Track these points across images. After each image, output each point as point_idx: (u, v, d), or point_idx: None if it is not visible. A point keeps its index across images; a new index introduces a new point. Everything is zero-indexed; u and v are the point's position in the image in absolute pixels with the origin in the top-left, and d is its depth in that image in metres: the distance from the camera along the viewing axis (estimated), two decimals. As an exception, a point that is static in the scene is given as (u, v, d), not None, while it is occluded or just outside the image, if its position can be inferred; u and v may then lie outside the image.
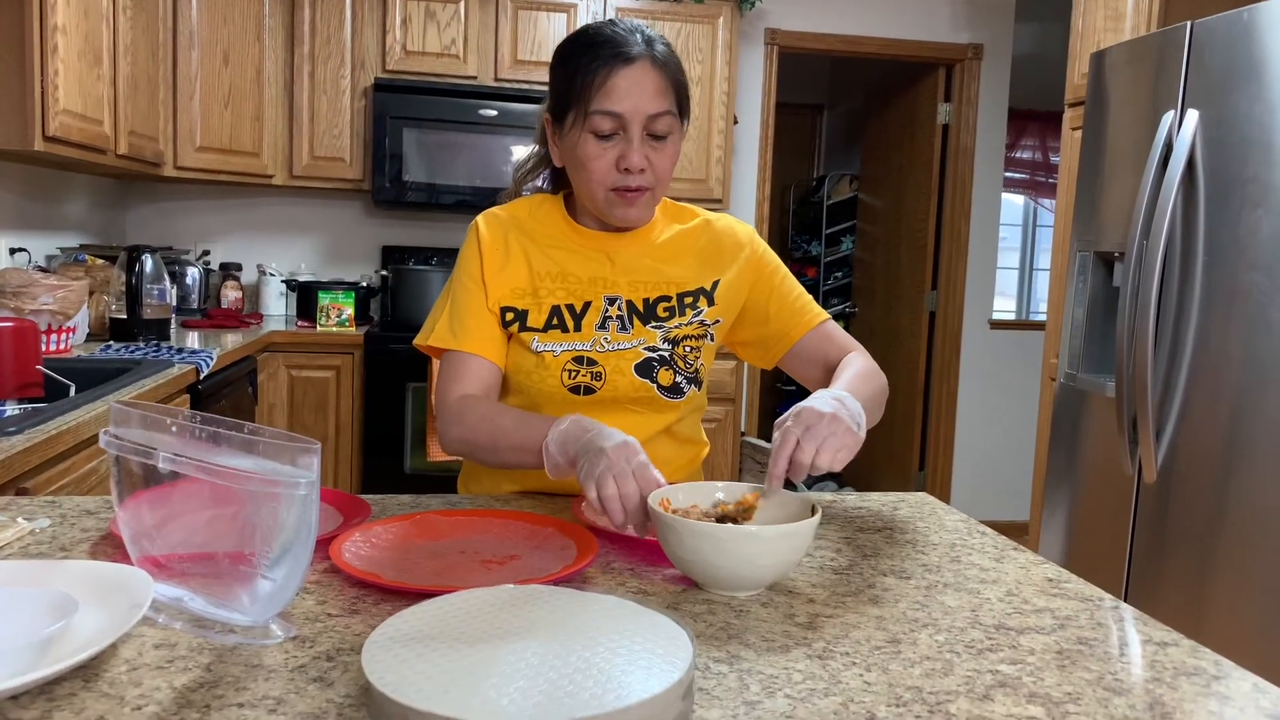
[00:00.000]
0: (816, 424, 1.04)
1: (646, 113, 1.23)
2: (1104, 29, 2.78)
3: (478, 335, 1.31)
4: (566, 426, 1.11)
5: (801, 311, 1.41)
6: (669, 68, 1.26)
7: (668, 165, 1.27)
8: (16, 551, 0.98)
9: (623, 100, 1.22)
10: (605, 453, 1.02)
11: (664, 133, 1.25)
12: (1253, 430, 1.99)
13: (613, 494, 0.99)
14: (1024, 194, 6.24)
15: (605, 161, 1.25)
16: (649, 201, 1.30)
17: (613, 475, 1.00)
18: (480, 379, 1.31)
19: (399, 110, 3.59)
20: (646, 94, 1.22)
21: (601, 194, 1.27)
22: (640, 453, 1.03)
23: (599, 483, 1.00)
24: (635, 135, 1.23)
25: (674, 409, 1.35)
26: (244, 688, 0.70)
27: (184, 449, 0.78)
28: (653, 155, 1.25)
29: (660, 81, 1.24)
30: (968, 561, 1.07)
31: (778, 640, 0.82)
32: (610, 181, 1.26)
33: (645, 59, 1.23)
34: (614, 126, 1.23)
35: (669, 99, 1.25)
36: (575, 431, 1.10)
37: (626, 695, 0.60)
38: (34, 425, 1.60)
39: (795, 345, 1.40)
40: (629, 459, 1.02)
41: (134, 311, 2.79)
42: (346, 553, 0.96)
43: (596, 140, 1.24)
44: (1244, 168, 2.01)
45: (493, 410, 1.25)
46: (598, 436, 1.06)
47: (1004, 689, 0.75)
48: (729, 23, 3.86)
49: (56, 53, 2.30)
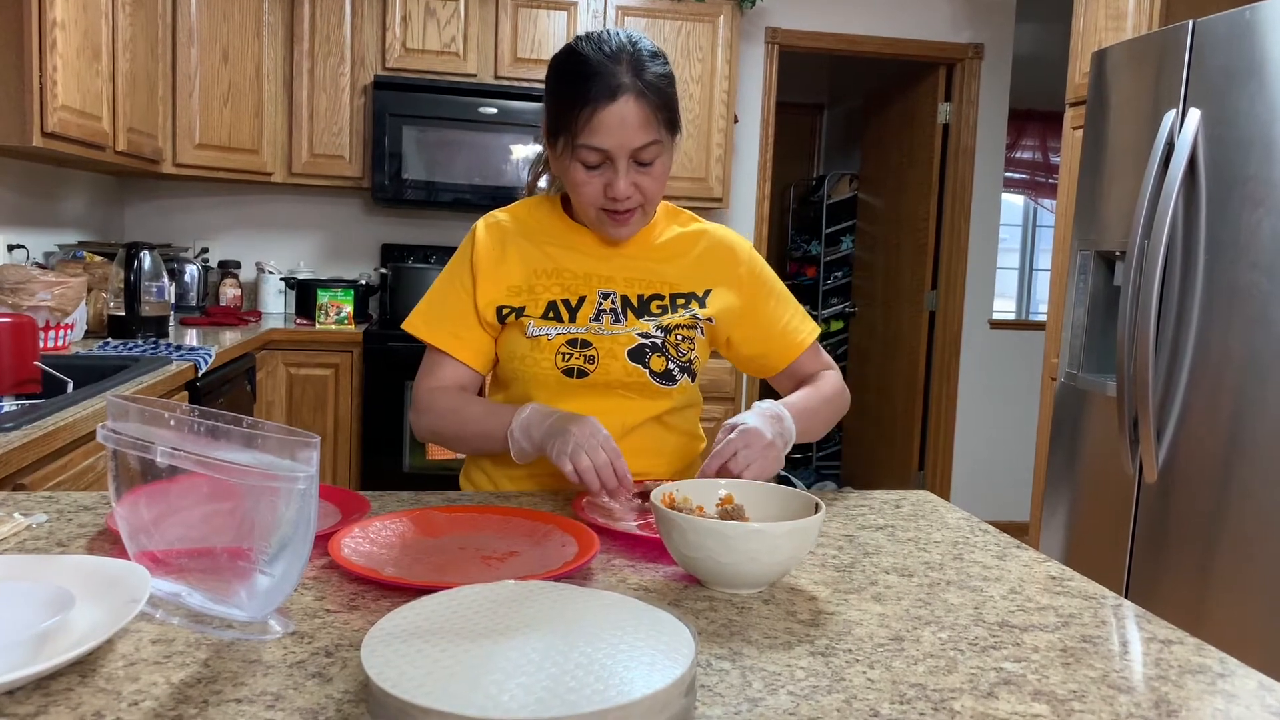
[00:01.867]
0: (754, 444, 1.19)
1: (631, 147, 1.24)
2: (1105, 28, 2.77)
3: (458, 338, 1.36)
4: (528, 414, 1.22)
5: (792, 335, 1.45)
6: (654, 94, 1.24)
7: (657, 186, 1.30)
8: (13, 546, 0.97)
9: (608, 138, 1.23)
10: (571, 432, 1.14)
11: (650, 160, 1.27)
12: (1254, 430, 1.99)
13: (587, 466, 1.11)
14: (1024, 194, 6.23)
15: (594, 188, 1.28)
16: (639, 219, 1.33)
17: (584, 450, 1.12)
18: (453, 380, 1.37)
19: (398, 108, 3.58)
20: (631, 129, 1.23)
21: (593, 213, 1.31)
22: (602, 429, 1.16)
23: (572, 458, 1.12)
24: (621, 168, 1.25)
25: (666, 396, 1.36)
26: (242, 683, 0.69)
27: (182, 443, 0.77)
28: (640, 179, 1.28)
29: (644, 113, 1.24)
30: (970, 559, 1.06)
31: (780, 637, 0.82)
32: (600, 203, 1.29)
33: (629, 93, 1.22)
34: (600, 159, 1.26)
35: (654, 128, 1.25)
36: (537, 418, 1.21)
37: (629, 691, 0.60)
38: (31, 421, 1.59)
39: (783, 370, 1.47)
40: (594, 434, 1.14)
41: (132, 308, 2.78)
42: (345, 548, 0.95)
43: (585, 169, 1.27)
44: (1245, 167, 2.01)
45: (460, 401, 1.34)
46: (561, 419, 1.18)
47: (1008, 686, 0.74)
48: (729, 21, 3.85)
49: (55, 48, 2.29)
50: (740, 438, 1.18)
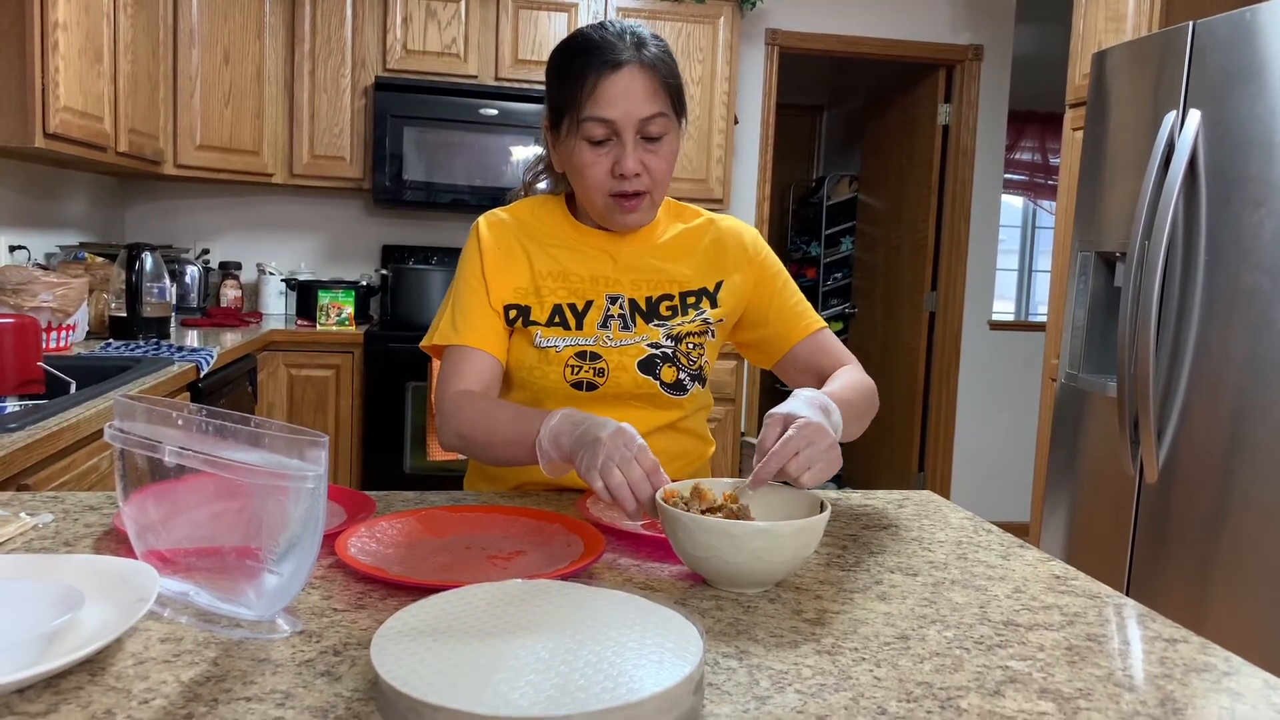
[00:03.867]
0: (818, 443, 1.02)
1: (638, 117, 1.22)
2: (1105, 30, 2.78)
3: (479, 330, 1.32)
4: (557, 422, 1.11)
5: (800, 317, 1.41)
6: (659, 69, 1.24)
7: (665, 167, 1.27)
8: (20, 546, 0.97)
9: (613, 106, 1.22)
10: (602, 442, 1.01)
11: (658, 134, 1.25)
12: (1254, 431, 1.99)
13: (620, 482, 0.98)
14: (1023, 195, 6.24)
15: (601, 168, 1.25)
16: (648, 206, 1.30)
17: (616, 464, 0.99)
18: (479, 374, 1.31)
19: (399, 109, 3.58)
20: (637, 98, 1.22)
21: (601, 201, 1.28)
22: (637, 437, 1.03)
23: (603, 473, 0.99)
24: (629, 140, 1.23)
25: (678, 406, 1.35)
26: (251, 682, 0.69)
27: (190, 443, 0.78)
28: (648, 158, 1.25)
29: (650, 84, 1.23)
30: (974, 559, 1.07)
31: (786, 636, 0.82)
32: (608, 188, 1.26)
33: (634, 63, 1.22)
34: (607, 132, 1.23)
35: (661, 100, 1.24)
36: (567, 426, 1.09)
37: (638, 690, 0.60)
38: (35, 422, 1.59)
39: (790, 350, 1.41)
40: (628, 445, 1.01)
41: (134, 309, 2.78)
42: (352, 548, 0.95)
43: (591, 147, 1.24)
44: (1246, 168, 2.01)
45: (489, 405, 1.24)
46: (592, 427, 1.05)
47: (1014, 685, 0.74)
48: (730, 23, 3.86)
49: (57, 50, 2.29)
50: (801, 435, 1.02)
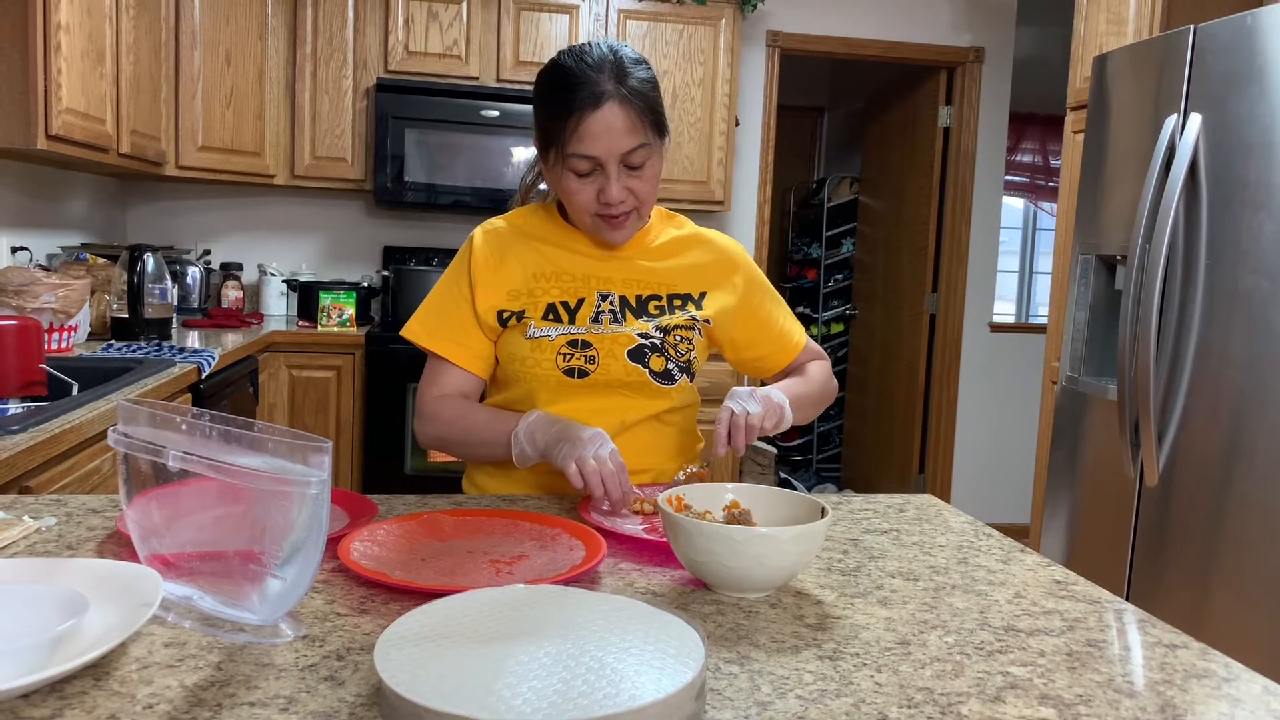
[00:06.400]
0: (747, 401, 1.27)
1: (619, 151, 1.27)
2: (1106, 33, 2.78)
3: (459, 345, 1.38)
4: (534, 419, 1.24)
5: (785, 337, 1.51)
6: (639, 100, 1.27)
7: (649, 188, 1.32)
8: (23, 549, 0.97)
9: (596, 143, 1.26)
10: (580, 439, 1.16)
11: (640, 163, 1.29)
12: (1255, 434, 1.99)
13: (593, 469, 1.13)
14: (1024, 197, 6.24)
15: (587, 195, 1.30)
16: (635, 221, 1.35)
17: (590, 456, 1.14)
18: (458, 386, 1.39)
19: (401, 110, 3.59)
20: (618, 134, 1.26)
21: (589, 220, 1.34)
22: (610, 441, 1.17)
23: (578, 462, 1.14)
24: (612, 172, 1.28)
25: (665, 396, 1.39)
26: (255, 686, 0.70)
27: (194, 447, 0.78)
28: (632, 183, 1.30)
29: (630, 118, 1.26)
30: (975, 564, 1.07)
31: (788, 641, 0.82)
32: (594, 209, 1.32)
33: (613, 100, 1.25)
34: (591, 166, 1.28)
35: (642, 131, 1.28)
36: (542, 423, 1.23)
37: (640, 695, 0.60)
38: (38, 424, 1.59)
39: (782, 371, 1.53)
40: (603, 445, 1.16)
41: (135, 311, 2.78)
42: (354, 552, 0.95)
43: (577, 178, 1.30)
44: (1246, 171, 2.02)
45: (466, 408, 1.35)
46: (568, 428, 1.20)
47: (1015, 691, 0.74)
48: (731, 25, 3.86)
49: (59, 51, 2.30)
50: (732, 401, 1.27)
